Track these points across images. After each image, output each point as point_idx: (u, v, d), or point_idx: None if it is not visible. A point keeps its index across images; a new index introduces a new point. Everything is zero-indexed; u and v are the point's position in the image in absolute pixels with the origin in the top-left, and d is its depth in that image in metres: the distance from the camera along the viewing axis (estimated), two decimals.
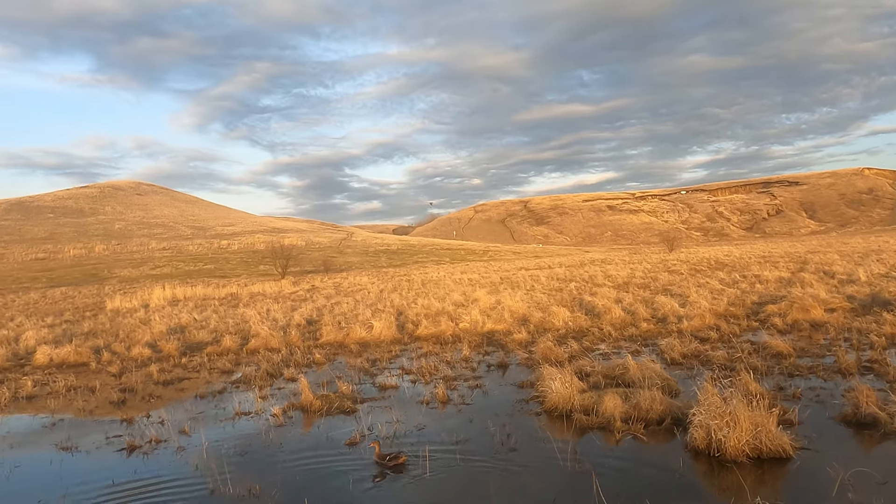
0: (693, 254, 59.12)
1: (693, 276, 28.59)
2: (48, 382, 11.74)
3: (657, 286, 24.26)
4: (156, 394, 10.27)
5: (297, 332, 15.84)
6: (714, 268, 33.72)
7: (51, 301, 38.67)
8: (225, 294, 34.99)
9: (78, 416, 8.96)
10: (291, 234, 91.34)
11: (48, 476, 6.34)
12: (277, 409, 8.11)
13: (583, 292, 23.18)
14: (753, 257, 42.66)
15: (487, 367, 10.79)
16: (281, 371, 11.44)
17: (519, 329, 14.88)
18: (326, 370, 11.55)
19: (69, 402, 9.98)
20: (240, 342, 15.44)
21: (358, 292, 30.39)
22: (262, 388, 9.95)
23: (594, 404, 6.97)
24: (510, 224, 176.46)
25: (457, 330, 15.38)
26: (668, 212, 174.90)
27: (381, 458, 5.99)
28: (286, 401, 8.76)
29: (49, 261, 67.61)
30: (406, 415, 7.55)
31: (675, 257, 51.50)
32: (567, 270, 39.98)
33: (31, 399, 10.46)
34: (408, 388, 9.39)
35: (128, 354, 14.87)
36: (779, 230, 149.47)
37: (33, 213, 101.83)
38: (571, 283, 27.84)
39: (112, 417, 8.66)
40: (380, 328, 15.53)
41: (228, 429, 7.63)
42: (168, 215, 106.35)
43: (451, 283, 32.71)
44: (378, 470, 5.90)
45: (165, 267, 63.60)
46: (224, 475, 5.88)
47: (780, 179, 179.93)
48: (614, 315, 15.91)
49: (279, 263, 53.04)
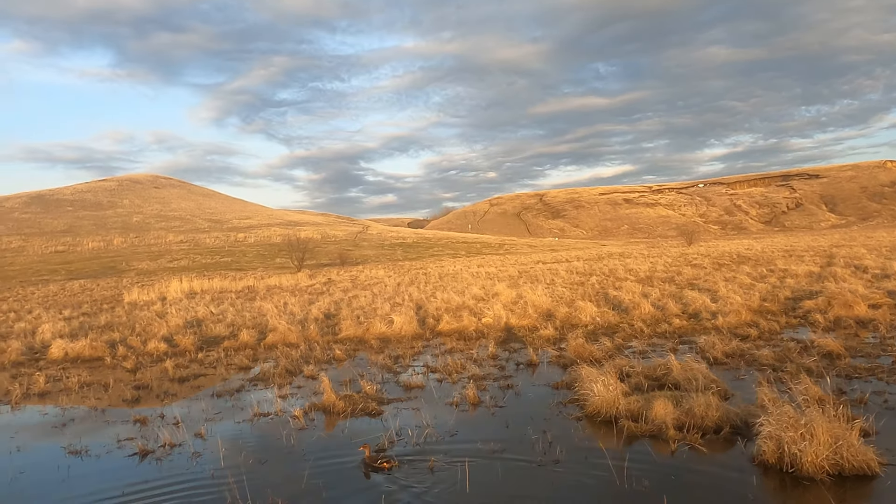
0: (713, 247, 58.07)
1: (717, 270, 27.83)
2: (61, 378, 11.39)
3: (682, 280, 23.56)
4: (171, 391, 9.85)
5: (316, 327, 15.39)
6: (737, 262, 32.88)
7: (69, 293, 38.71)
8: (242, 287, 34.75)
9: (90, 415, 8.55)
10: (307, 227, 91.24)
11: (54, 483, 5.91)
12: (298, 410, 7.63)
13: (606, 286, 22.54)
14: (776, 251, 41.71)
15: (516, 365, 10.25)
16: (300, 368, 10.99)
17: (544, 325, 14.32)
18: (347, 367, 11.09)
19: (82, 399, 9.59)
20: (257, 336, 15.03)
21: (375, 286, 29.95)
22: (282, 387, 9.49)
23: (642, 409, 6.41)
24: (526, 217, 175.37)
25: (480, 325, 14.85)
26: (686, 205, 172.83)
27: (372, 461, 5.75)
28: (307, 401, 8.29)
29: (68, 253, 68.00)
30: (436, 418, 7.04)
31: (695, 251, 50.55)
32: (586, 264, 39.27)
33: (44, 396, 10.09)
34: (434, 387, 8.88)
35: (143, 349, 14.51)
36: (798, 224, 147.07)
37: (53, 207, 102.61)
38: (592, 277, 27.20)
39: (125, 417, 8.24)
40: (400, 323, 15.04)
41: (247, 432, 7.17)
42: (185, 208, 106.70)
43: (469, 277, 32.17)
44: (365, 471, 5.70)
45: (183, 260, 63.69)
46: (242, 485, 5.41)
47: (799, 172, 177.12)
48: (643, 310, 15.29)
49: (295, 256, 52.89)
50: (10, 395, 9.98)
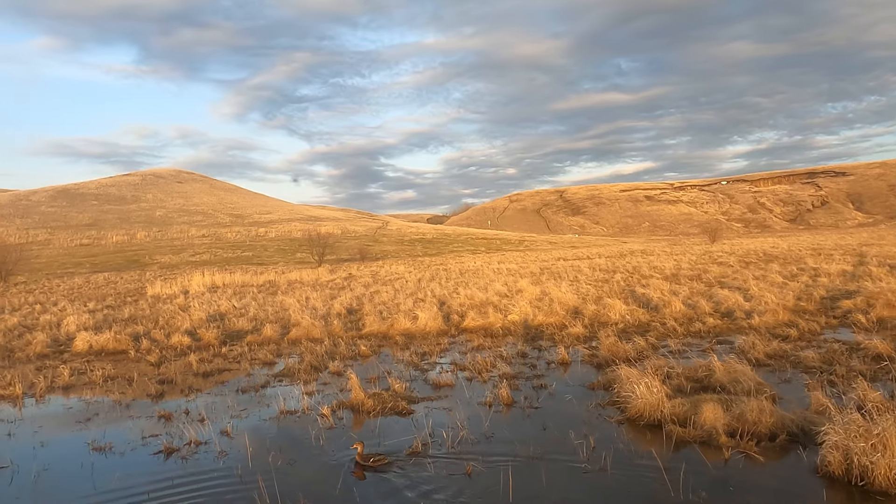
0: (737, 245, 57.03)
1: (745, 268, 27.22)
2: (86, 371, 11.30)
3: (710, 278, 23.03)
4: (195, 386, 9.69)
5: (339, 322, 15.20)
6: (764, 260, 32.17)
7: (94, 286, 39.06)
8: (263, 281, 34.76)
9: (114, 410, 8.40)
10: (327, 222, 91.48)
11: (79, 481, 5.73)
12: (326, 408, 7.39)
13: (632, 284, 22.11)
14: (803, 249, 40.79)
15: (547, 363, 9.94)
16: (325, 364, 10.78)
17: (573, 322, 13.99)
18: (373, 363, 10.86)
19: (106, 393, 9.47)
20: (280, 331, 14.88)
21: (396, 281, 29.75)
22: (308, 383, 9.27)
23: (688, 413, 6.07)
24: (546, 214, 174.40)
25: (506, 322, 14.54)
26: (708, 202, 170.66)
27: (364, 460, 5.66)
28: (335, 399, 8.05)
29: (93, 246, 68.81)
30: (469, 419, 6.75)
31: (719, 249, 49.69)
32: (608, 261, 38.74)
33: (68, 389, 9.98)
34: (464, 386, 8.60)
35: (167, 342, 14.42)
36: (824, 222, 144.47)
37: (78, 200, 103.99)
38: (616, 275, 26.74)
39: (149, 412, 8.07)
40: (425, 319, 14.79)
41: (273, 430, 6.94)
42: (207, 203, 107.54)
43: (491, 273, 31.85)
44: (357, 470, 5.61)
45: (205, 254, 64.13)
46: (272, 486, 5.18)
47: (825, 170, 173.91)
48: (674, 308, 14.88)
49: (316, 251, 52.97)
50: (35, 388, 9.89)
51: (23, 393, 9.54)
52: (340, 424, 6.94)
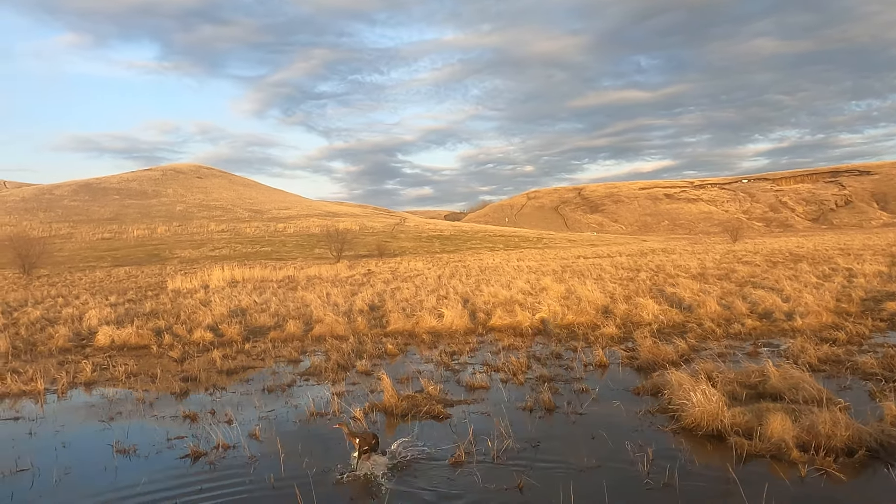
0: (760, 245, 55.91)
1: (772, 267, 26.50)
2: (108, 367, 11.06)
3: (738, 278, 22.40)
4: (220, 384, 9.38)
5: (363, 319, 14.86)
6: (791, 259, 31.35)
7: (115, 280, 39.23)
8: (282, 276, 34.64)
9: (137, 408, 8.11)
10: (345, 218, 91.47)
11: (102, 486, 5.41)
12: (358, 410, 7.02)
13: (659, 283, 21.54)
14: (830, 249, 39.79)
15: (584, 365, 9.51)
16: (352, 362, 10.43)
17: (604, 322, 13.54)
18: (401, 362, 10.50)
19: (129, 390, 9.20)
20: (304, 328, 14.59)
21: (415, 277, 29.40)
22: (336, 383, 8.93)
23: (751, 423, 5.62)
24: (563, 211, 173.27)
25: (534, 321, 14.10)
26: (729, 201, 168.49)
27: (352, 438, 5.53)
28: (366, 400, 7.68)
29: (114, 241, 69.33)
30: (511, 424, 6.34)
31: (742, 248, 48.68)
32: (630, 259, 38.09)
33: (90, 386, 9.74)
34: (500, 388, 8.20)
35: (189, 338, 14.19)
36: (848, 222, 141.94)
37: (100, 195, 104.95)
38: (641, 273, 26.17)
39: (174, 412, 7.77)
40: (451, 317, 14.41)
41: (304, 433, 6.59)
42: (226, 198, 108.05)
43: (511, 271, 31.40)
44: None
45: (224, 248, 64.34)
46: (309, 497, 4.82)
47: (849, 168, 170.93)
48: (709, 309, 14.36)
49: (334, 247, 52.90)
50: (57, 383, 9.65)
51: (44, 388, 9.31)
52: (374, 428, 6.57)
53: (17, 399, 8.95)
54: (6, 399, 8.98)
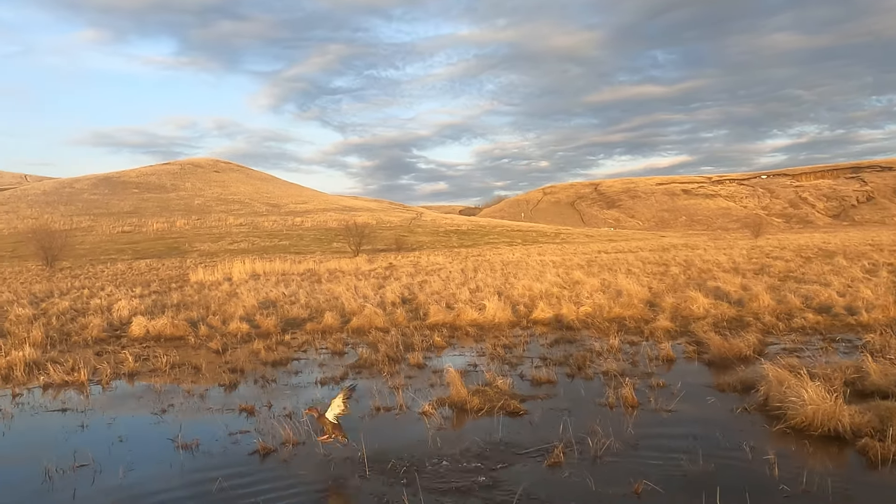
0: (783, 240, 54.78)
1: (806, 263, 25.76)
2: (148, 357, 10.71)
3: (775, 272, 21.74)
4: (268, 376, 8.98)
5: (402, 311, 14.42)
6: (823, 255, 30.52)
7: (137, 272, 39.19)
8: (303, 270, 34.34)
9: (188, 401, 7.72)
10: (362, 212, 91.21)
11: (173, 485, 4.99)
12: (428, 405, 6.58)
13: (695, 277, 20.95)
14: (860, 245, 38.76)
15: (648, 359, 9.01)
16: (401, 355, 10.00)
17: (652, 315, 13.03)
18: (451, 355, 10.06)
19: (175, 381, 8.83)
20: (341, 319, 14.19)
21: (439, 271, 28.93)
22: (392, 376, 8.50)
23: (874, 424, 5.12)
24: (580, 207, 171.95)
25: (579, 314, 13.60)
26: (748, 197, 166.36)
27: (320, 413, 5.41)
28: (432, 394, 7.23)
29: (134, 234, 69.55)
30: (599, 423, 5.86)
31: (767, 244, 47.66)
32: (654, 254, 37.40)
33: (133, 377, 9.38)
34: (567, 383, 7.74)
35: (225, 329, 13.84)
36: (869, 218, 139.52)
37: (119, 188, 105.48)
38: (672, 268, 25.54)
39: (228, 405, 7.37)
40: (493, 309, 13.95)
41: (374, 428, 6.14)
42: (244, 192, 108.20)
43: (536, 265, 30.86)
44: None
45: (243, 242, 64.29)
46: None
47: (871, 164, 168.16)
48: (762, 303, 13.79)
49: (353, 241, 52.59)
50: (100, 374, 9.31)
51: (88, 379, 8.97)
52: (449, 425, 6.13)
53: (60, 389, 8.62)
54: (49, 389, 8.65)
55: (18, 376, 9.32)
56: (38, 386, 8.84)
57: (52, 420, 7.06)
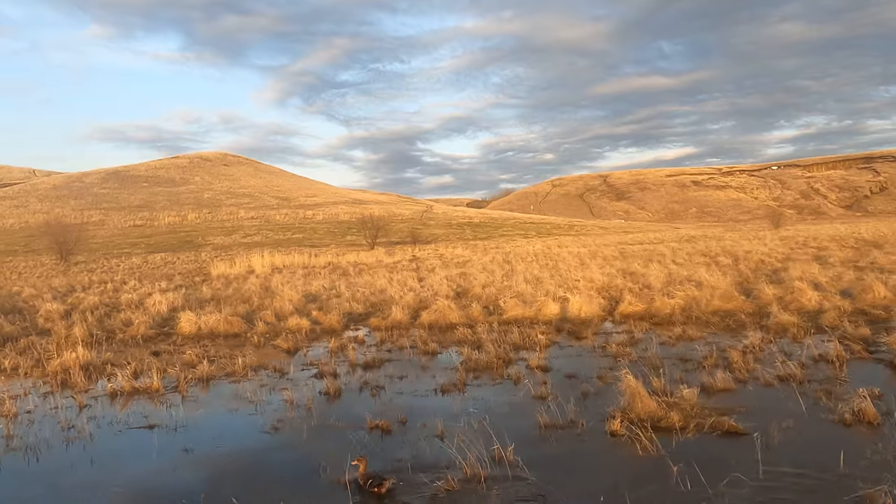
0: (804, 231, 53.11)
1: (857, 252, 24.31)
2: (215, 357, 9.43)
3: (836, 261, 20.28)
4: (373, 382, 7.65)
5: (477, 306, 13.09)
6: (868, 244, 29.04)
7: (152, 266, 38.06)
8: (324, 263, 33.14)
9: (300, 416, 6.41)
10: (372, 205, 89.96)
11: None
12: (616, 423, 5.28)
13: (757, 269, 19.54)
14: (882, 235, 37.07)
15: (813, 360, 7.70)
16: (514, 355, 8.69)
17: (757, 308, 11.73)
18: (567, 356, 8.76)
19: (262, 386, 7.52)
20: (409, 314, 12.90)
21: (466, 264, 27.60)
22: (518, 383, 7.18)
23: None
24: (589, 199, 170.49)
25: (674, 307, 12.28)
26: (758, 188, 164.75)
27: (364, 480, 4.53)
28: (594, 406, 5.92)
29: (146, 227, 68.40)
30: (844, 445, 4.57)
31: (792, 234, 46.06)
32: (685, 245, 35.99)
33: (209, 382, 8.09)
34: (746, 392, 6.44)
35: (283, 325, 12.56)
36: (883, 209, 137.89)
37: (129, 182, 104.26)
38: (720, 258, 24.16)
39: (349, 421, 6.04)
40: (578, 303, 12.62)
41: (564, 457, 4.84)
42: (254, 185, 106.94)
43: (569, 256, 29.58)
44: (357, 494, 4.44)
45: (256, 235, 63.19)
46: None
47: (883, 154, 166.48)
48: (877, 294, 12.46)
49: (368, 234, 51.45)
50: (172, 379, 8.01)
51: (161, 386, 7.68)
52: (654, 448, 4.82)
53: (131, 398, 7.33)
54: (118, 398, 7.36)
55: (78, 382, 8.06)
56: (104, 394, 7.56)
57: (141, 440, 5.77)
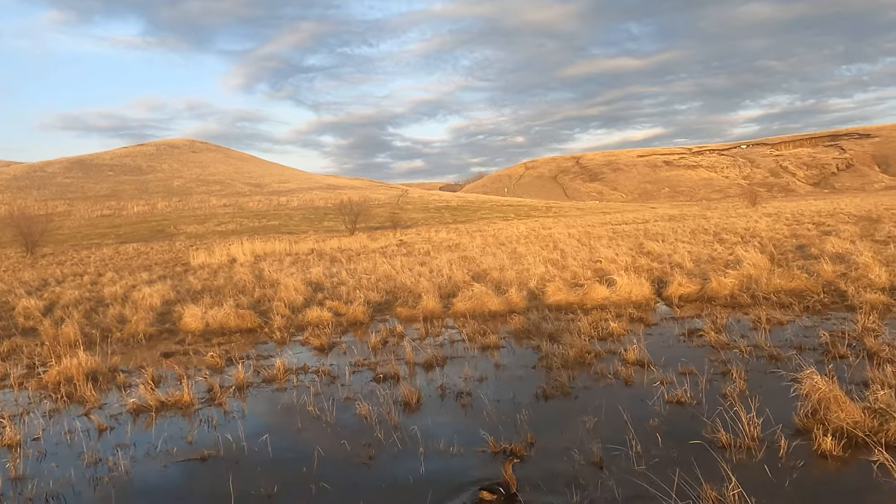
0: (783, 208, 52.97)
1: (862, 226, 23.80)
2: (241, 359, 8.07)
3: (848, 236, 19.56)
4: (453, 387, 6.39)
5: (516, 292, 11.91)
6: (861, 220, 28.60)
7: (126, 257, 36.10)
8: (307, 250, 31.68)
9: (378, 433, 5.18)
10: (348, 190, 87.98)
11: None
12: (828, 440, 4.17)
13: (780, 245, 18.70)
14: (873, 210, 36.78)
15: None
16: (599, 347, 7.55)
17: (822, 288, 10.81)
18: (658, 346, 7.65)
19: (325, 400, 6.24)
20: (442, 302, 11.68)
21: (457, 247, 26.45)
22: (630, 383, 6.06)
23: None
24: (562, 181, 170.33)
25: (733, 288, 11.26)
26: (728, 167, 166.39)
27: None
28: (761, 411, 4.80)
29: (115, 217, 65.61)
30: None
31: (775, 212, 45.68)
32: (672, 223, 35.31)
33: (248, 391, 6.76)
34: None
35: (301, 318, 11.25)
36: (849, 185, 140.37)
37: (93, 171, 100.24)
38: (725, 235, 23.40)
39: (461, 440, 4.84)
40: (627, 286, 11.56)
41: (771, 484, 3.75)
42: (224, 172, 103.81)
43: (562, 238, 28.59)
44: None
45: (230, 223, 61.02)
46: None
47: (849, 132, 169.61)
48: None
49: (348, 219, 49.80)
50: (203, 389, 6.67)
51: (196, 398, 6.33)
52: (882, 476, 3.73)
53: (159, 415, 5.99)
54: (141, 416, 6.00)
55: (87, 395, 6.66)
56: (125, 410, 6.20)
57: (198, 479, 4.47)
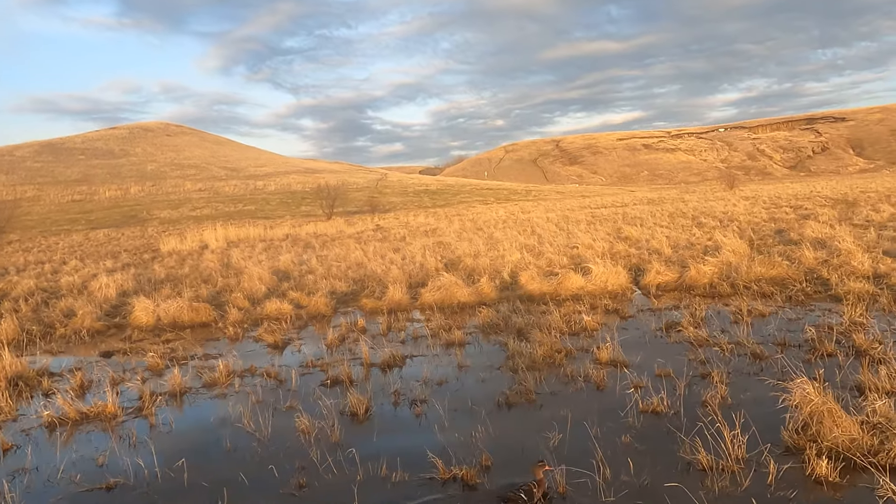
0: (761, 191, 52.76)
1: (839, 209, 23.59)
2: (185, 359, 7.43)
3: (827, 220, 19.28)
4: (408, 392, 5.83)
5: (487, 281, 11.35)
6: (839, 203, 28.45)
7: (96, 243, 34.97)
8: (282, 235, 30.79)
9: (314, 454, 4.59)
10: (326, 174, 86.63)
11: None
12: (822, 464, 3.66)
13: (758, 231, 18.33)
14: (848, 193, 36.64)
15: None
16: (570, 345, 7.03)
17: (815, 276, 10.40)
18: (620, 341, 7.16)
19: (265, 409, 5.64)
20: (409, 293, 11.10)
21: (434, 232, 25.84)
22: (601, 388, 5.55)
23: None
24: (542, 164, 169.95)
25: (711, 275, 10.81)
26: (706, 150, 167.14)
27: None
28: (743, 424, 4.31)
29: (86, 202, 63.88)
30: None
31: (752, 195, 45.50)
32: (651, 207, 34.94)
33: (184, 398, 6.14)
34: None
35: (259, 311, 10.62)
36: (825, 168, 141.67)
37: (64, 155, 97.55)
38: (704, 219, 23.01)
39: (405, 463, 4.29)
40: (603, 275, 11.06)
41: None
42: (199, 156, 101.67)
43: (540, 222, 28.08)
44: None
45: (205, 208, 59.68)
46: None
47: (824, 115, 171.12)
48: None
49: (325, 204, 48.86)
50: (132, 396, 6.03)
51: (120, 409, 5.68)
52: None
53: (76, 430, 5.35)
54: (57, 431, 5.36)
55: (3, 406, 5.98)
56: (40, 424, 5.54)
57: None
